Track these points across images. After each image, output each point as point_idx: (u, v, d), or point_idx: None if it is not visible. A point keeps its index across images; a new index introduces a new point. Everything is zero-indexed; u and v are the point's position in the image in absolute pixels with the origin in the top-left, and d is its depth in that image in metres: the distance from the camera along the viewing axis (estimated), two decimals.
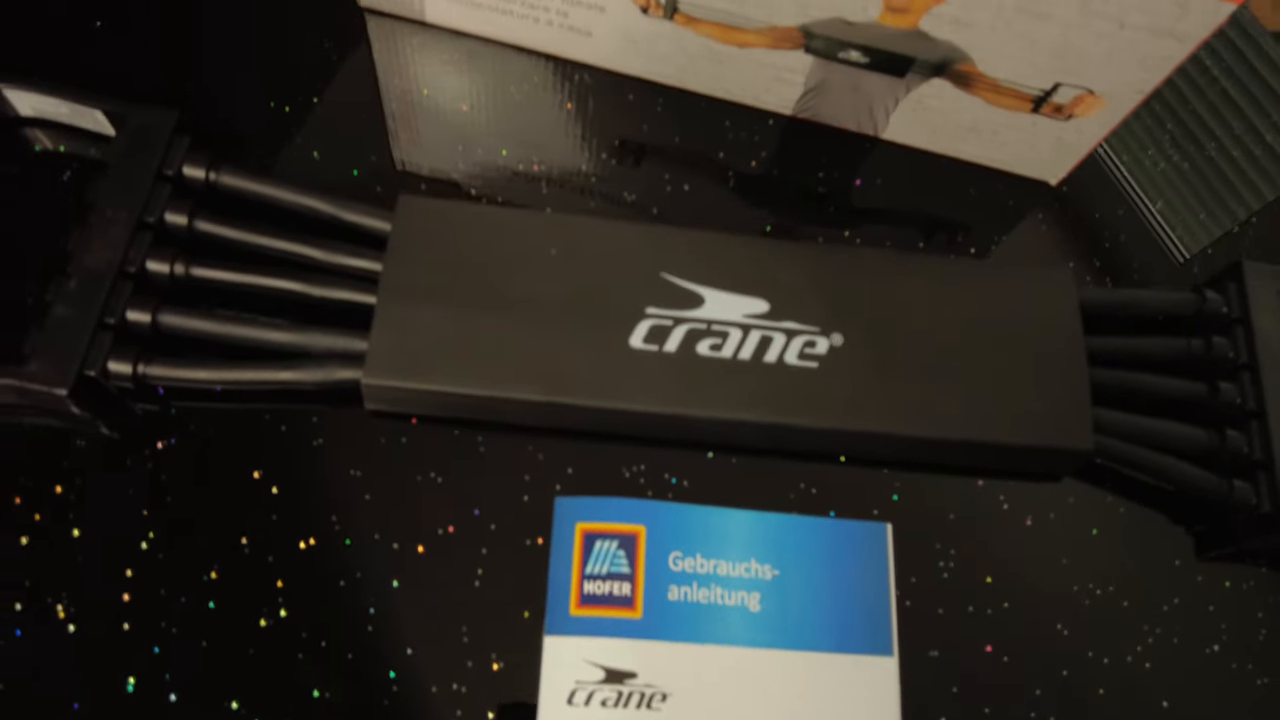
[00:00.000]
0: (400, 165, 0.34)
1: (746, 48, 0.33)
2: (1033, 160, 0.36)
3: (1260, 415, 0.32)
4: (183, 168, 0.31)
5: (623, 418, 0.30)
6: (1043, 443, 0.31)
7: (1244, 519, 0.32)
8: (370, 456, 0.30)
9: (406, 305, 0.29)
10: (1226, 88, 0.41)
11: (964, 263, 0.34)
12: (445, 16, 0.35)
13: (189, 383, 0.29)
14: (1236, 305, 0.34)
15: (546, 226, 0.31)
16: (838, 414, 0.30)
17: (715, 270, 0.31)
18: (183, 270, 0.30)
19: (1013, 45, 0.30)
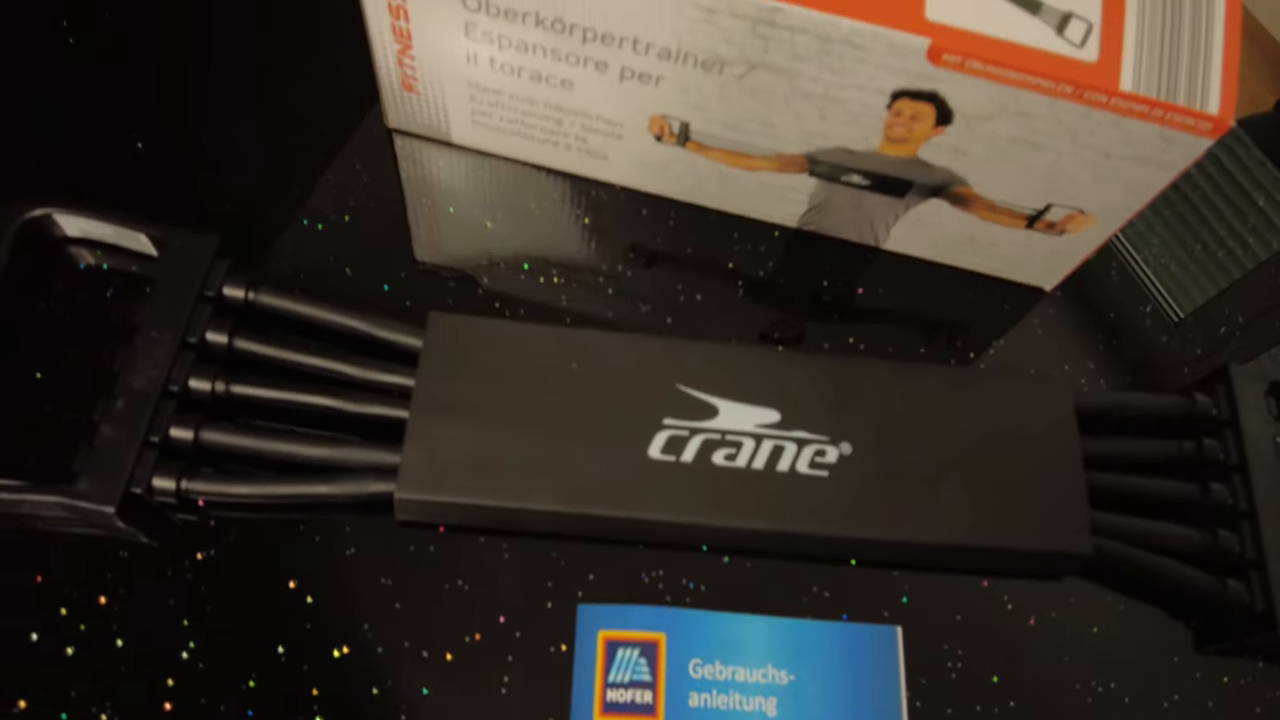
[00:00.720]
0: (428, 280, 0.36)
1: (754, 171, 0.35)
2: (1027, 269, 0.37)
3: (1251, 515, 0.34)
4: (223, 288, 0.33)
5: (643, 526, 0.31)
6: (1042, 547, 0.32)
7: (1239, 617, 0.33)
8: (400, 565, 0.31)
9: (437, 420, 0.31)
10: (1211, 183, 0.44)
11: (964, 371, 0.36)
12: (470, 139, 0.37)
13: (229, 497, 0.31)
14: (1225, 408, 0.35)
15: (568, 341, 0.33)
16: (847, 522, 0.32)
17: (728, 381, 0.33)
18: (223, 388, 0.31)
19: (1007, 171, 0.32)
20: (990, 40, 0.28)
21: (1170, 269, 0.41)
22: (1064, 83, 0.29)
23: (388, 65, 0.34)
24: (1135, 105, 0.29)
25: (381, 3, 0.32)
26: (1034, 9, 0.29)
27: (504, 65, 0.33)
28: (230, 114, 0.38)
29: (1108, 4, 0.29)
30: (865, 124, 0.31)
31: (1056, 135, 0.30)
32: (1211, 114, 0.29)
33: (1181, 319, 0.40)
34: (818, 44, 0.29)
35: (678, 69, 0.31)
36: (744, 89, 0.31)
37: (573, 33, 0.31)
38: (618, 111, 0.34)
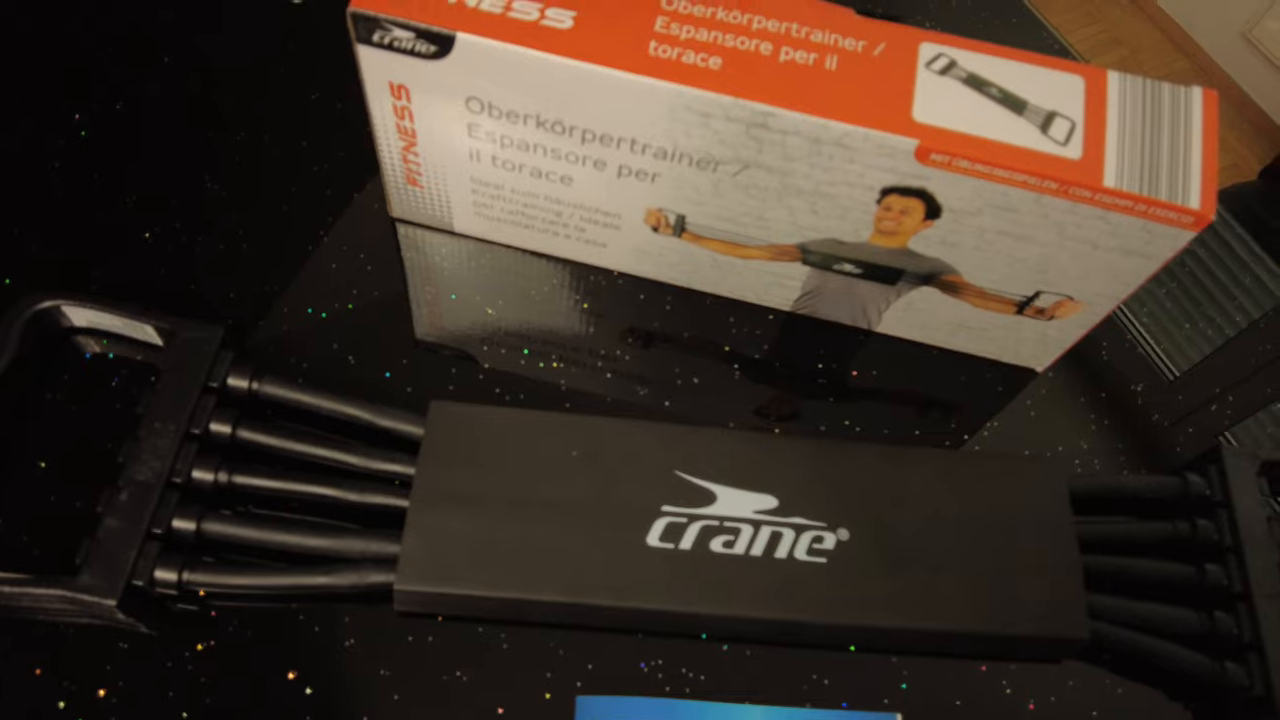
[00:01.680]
0: (430, 367, 0.36)
1: (749, 259, 0.36)
2: (1018, 352, 0.38)
3: (1246, 597, 0.34)
4: (227, 379, 0.33)
5: (642, 616, 0.32)
6: (1039, 632, 0.32)
7: (1239, 701, 0.33)
8: (398, 656, 0.31)
9: (436, 510, 0.31)
10: None
11: (958, 454, 0.37)
12: (471, 228, 0.38)
13: (230, 588, 0.31)
14: (1218, 488, 0.36)
15: (567, 427, 0.33)
16: (846, 609, 0.32)
17: (725, 467, 0.33)
18: (226, 478, 0.32)
19: (995, 261, 0.33)
20: (976, 140, 0.29)
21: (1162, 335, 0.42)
22: (1049, 179, 0.29)
23: (392, 161, 0.35)
24: (1119, 200, 0.30)
25: (387, 103, 0.33)
26: (1019, 108, 0.30)
27: (505, 162, 0.34)
28: (237, 206, 0.39)
29: (1090, 103, 0.31)
30: (856, 218, 0.32)
31: (1043, 228, 0.31)
32: (1193, 208, 0.30)
33: (1174, 379, 0.40)
34: (809, 145, 0.30)
35: (674, 167, 0.32)
36: (738, 185, 0.32)
37: (572, 133, 0.32)
38: (615, 205, 0.35)
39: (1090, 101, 0.31)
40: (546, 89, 0.30)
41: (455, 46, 0.30)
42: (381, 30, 0.30)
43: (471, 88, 0.31)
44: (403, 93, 0.32)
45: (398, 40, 0.30)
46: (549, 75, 0.30)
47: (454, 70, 0.30)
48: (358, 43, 0.31)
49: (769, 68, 0.30)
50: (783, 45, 0.30)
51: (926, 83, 0.30)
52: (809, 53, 0.30)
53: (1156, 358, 0.41)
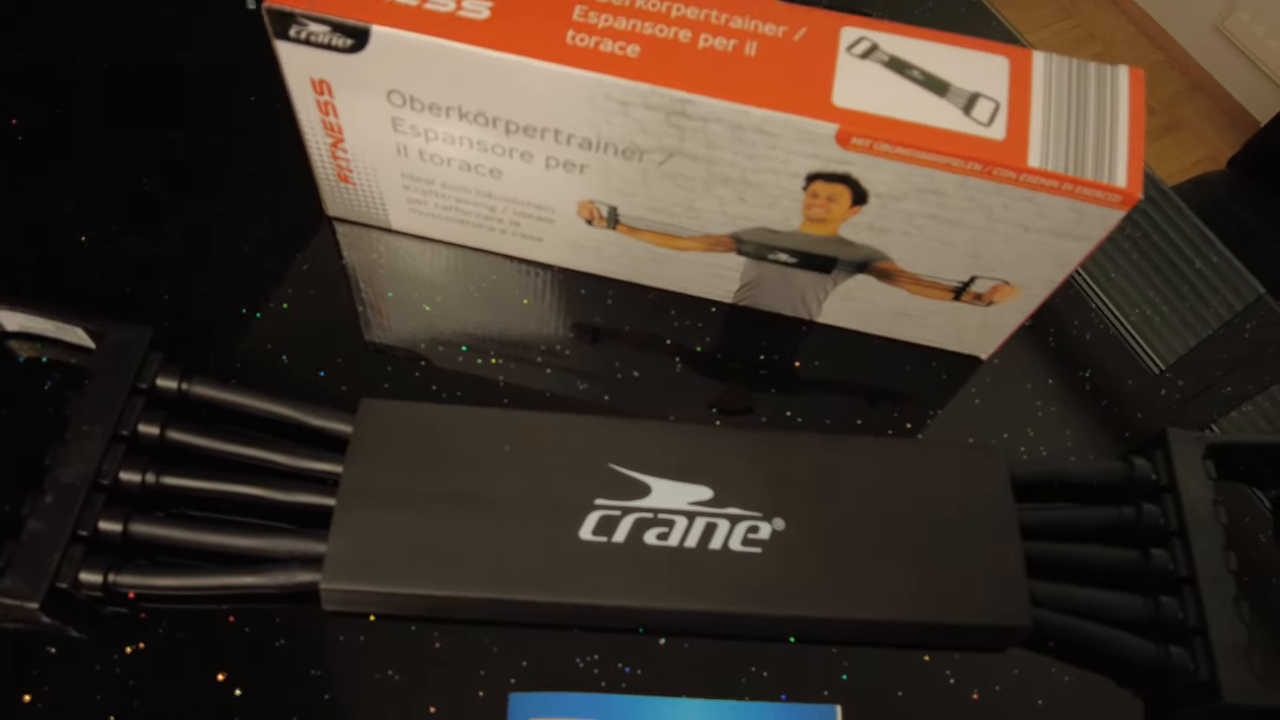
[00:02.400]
0: (366, 366, 0.36)
1: (684, 251, 0.35)
2: (961, 339, 0.38)
3: (1192, 581, 0.34)
4: (156, 380, 0.33)
5: (575, 610, 0.31)
6: (980, 621, 0.32)
7: (1184, 686, 0.33)
8: (329, 656, 0.31)
9: (364, 508, 0.31)
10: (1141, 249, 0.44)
11: (896, 442, 0.36)
12: (408, 225, 0.38)
13: (157, 590, 0.31)
14: (1164, 472, 0.35)
15: (499, 423, 0.33)
16: (782, 601, 0.31)
17: (660, 459, 0.33)
18: (154, 479, 0.31)
19: (927, 246, 0.33)
20: (898, 123, 0.29)
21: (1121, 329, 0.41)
22: (973, 161, 0.29)
23: (322, 159, 0.35)
24: (1044, 181, 0.29)
25: (310, 100, 0.32)
26: (941, 90, 0.30)
27: (433, 156, 0.33)
28: (175, 208, 0.39)
29: (1015, 84, 0.30)
30: (784, 205, 0.32)
31: (971, 211, 0.31)
32: (1120, 187, 0.29)
33: (1160, 372, 0.40)
34: (730, 132, 0.30)
35: (600, 158, 0.32)
36: (665, 175, 0.32)
37: (496, 125, 0.31)
38: (547, 198, 0.34)
39: (1015, 82, 0.30)
40: (466, 81, 0.30)
41: (371, 39, 0.29)
42: (298, 25, 0.30)
43: (392, 81, 0.31)
44: (325, 88, 0.32)
45: (314, 35, 0.30)
46: (467, 66, 0.29)
47: (373, 64, 0.30)
48: (275, 39, 0.30)
49: (688, 55, 0.29)
50: (702, 32, 0.30)
51: (847, 67, 0.30)
52: (728, 39, 0.30)
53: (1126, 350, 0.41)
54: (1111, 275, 0.43)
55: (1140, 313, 0.42)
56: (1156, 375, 0.41)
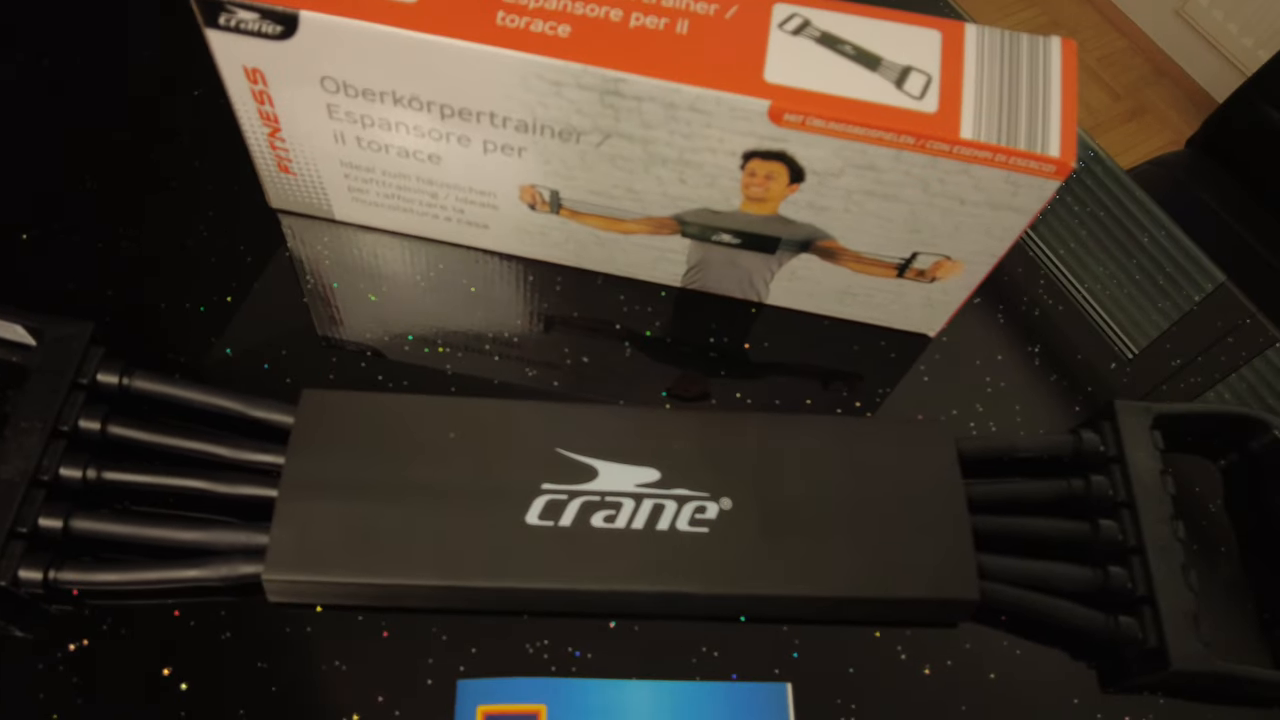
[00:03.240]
0: (311, 358, 0.36)
1: (629, 234, 0.35)
2: (908, 317, 0.38)
3: (1140, 551, 0.34)
4: (97, 375, 0.33)
5: (522, 595, 0.31)
6: (929, 594, 0.32)
7: (1134, 654, 0.33)
8: (275, 648, 0.31)
9: (306, 498, 0.31)
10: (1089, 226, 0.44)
11: (843, 420, 0.36)
12: (352, 215, 0.38)
13: (99, 585, 0.30)
14: (1112, 443, 0.36)
15: (444, 410, 0.33)
16: (730, 579, 0.31)
17: (607, 442, 0.33)
18: (95, 475, 0.31)
19: (867, 223, 0.33)
20: (830, 98, 0.29)
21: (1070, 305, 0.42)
22: (905, 134, 0.29)
23: (261, 149, 0.35)
24: (978, 152, 0.30)
25: (245, 89, 0.32)
26: (873, 65, 0.30)
27: (371, 143, 0.33)
28: (117, 203, 0.39)
29: (947, 57, 0.30)
30: (723, 185, 0.32)
31: (908, 186, 0.31)
32: (1053, 157, 0.29)
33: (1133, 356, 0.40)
34: (665, 111, 0.30)
35: (537, 140, 0.32)
36: (603, 157, 0.32)
37: (431, 109, 0.31)
38: (488, 183, 0.34)
39: (947, 55, 0.30)
40: (398, 65, 0.30)
41: (300, 25, 0.29)
42: (226, 13, 0.30)
43: (324, 67, 0.31)
44: (258, 77, 0.32)
45: (244, 22, 0.30)
46: (397, 50, 0.29)
47: (303, 50, 0.30)
48: (206, 27, 0.30)
49: (619, 34, 0.29)
50: (633, 11, 0.30)
51: (779, 43, 0.30)
52: (660, 18, 0.30)
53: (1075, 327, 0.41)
54: (1063, 253, 0.43)
55: (1090, 290, 0.42)
56: (1107, 351, 0.41)
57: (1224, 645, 0.33)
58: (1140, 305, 0.42)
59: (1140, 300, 0.42)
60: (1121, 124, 1.26)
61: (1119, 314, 0.42)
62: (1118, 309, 0.42)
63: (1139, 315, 0.42)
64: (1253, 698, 0.34)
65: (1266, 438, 0.37)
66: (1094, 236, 0.44)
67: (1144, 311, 0.42)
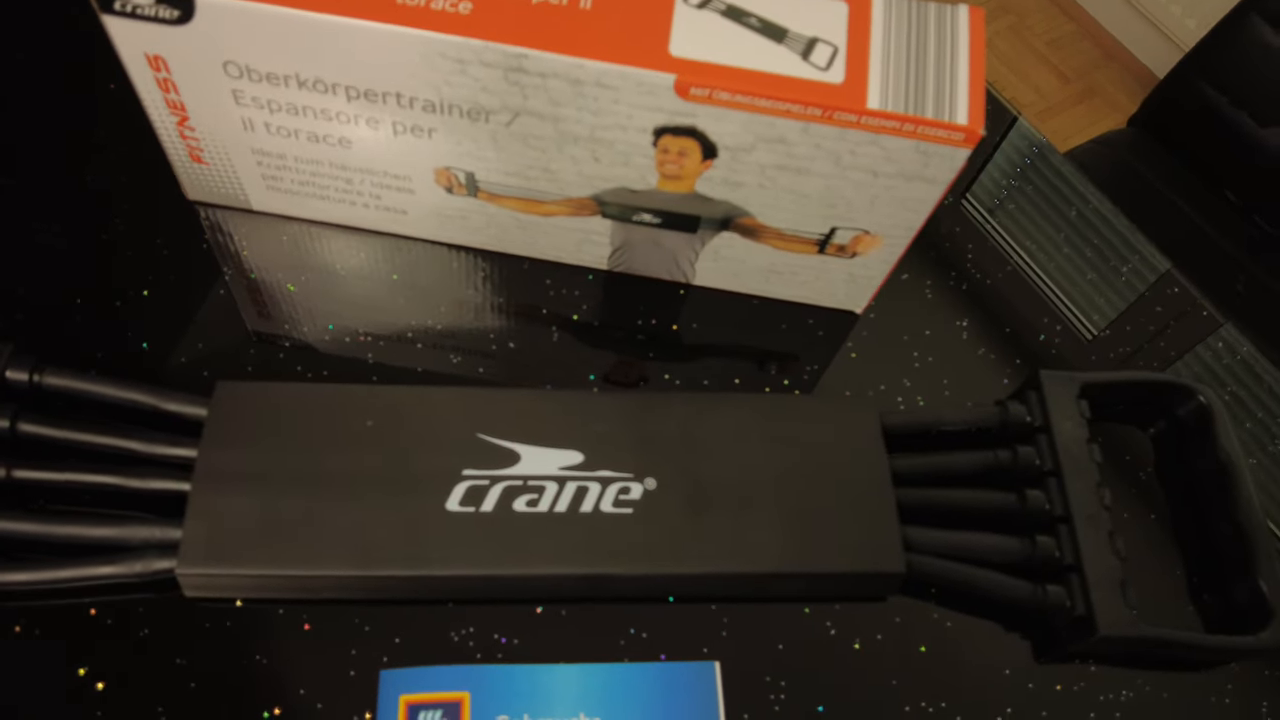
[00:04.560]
0: (228, 349, 0.35)
1: (550, 216, 0.35)
2: (833, 294, 0.38)
3: (1067, 519, 0.34)
4: (6, 372, 0.32)
5: (445, 583, 0.31)
6: (856, 568, 0.32)
7: (1062, 622, 0.33)
8: (194, 643, 0.30)
9: (220, 491, 0.30)
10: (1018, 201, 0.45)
11: (767, 398, 0.36)
12: (269, 204, 0.37)
13: (10, 585, 0.30)
14: (1038, 414, 0.36)
15: (362, 399, 0.33)
16: (654, 559, 0.31)
17: (529, 427, 0.33)
18: (4, 473, 0.30)
19: (783, 199, 0.33)
20: (736, 71, 0.29)
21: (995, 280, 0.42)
22: (812, 106, 0.29)
23: (171, 138, 0.34)
24: (886, 122, 0.29)
25: (148, 77, 0.32)
26: (779, 36, 0.30)
27: (280, 129, 0.33)
28: (30, 199, 0.38)
29: (853, 28, 0.30)
30: (638, 163, 0.32)
31: (819, 159, 0.31)
32: (961, 124, 0.29)
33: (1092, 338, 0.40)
34: (570, 87, 0.29)
35: (446, 120, 0.31)
36: (515, 136, 0.32)
37: (336, 91, 0.31)
38: (401, 167, 0.34)
39: (854, 26, 0.30)
40: (298, 46, 0.29)
41: (198, 8, 0.29)
42: None
43: (225, 51, 0.30)
44: (160, 63, 0.31)
45: (140, 7, 0.29)
46: (296, 31, 0.29)
47: (203, 34, 0.29)
48: (102, 13, 0.30)
49: (521, 9, 0.29)
50: None
51: (684, 17, 0.30)
52: None
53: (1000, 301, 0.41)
54: (987, 227, 0.43)
55: (1016, 265, 0.43)
56: (1040, 326, 0.41)
57: (1154, 610, 0.33)
58: (1082, 287, 0.43)
59: (1080, 282, 0.43)
60: (1071, 106, 1.27)
61: (1072, 293, 0.42)
62: (1069, 288, 0.42)
63: (1083, 297, 0.42)
64: (1182, 661, 0.34)
65: (1192, 404, 0.37)
66: (1038, 216, 0.44)
67: (1088, 295, 0.42)
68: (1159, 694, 0.34)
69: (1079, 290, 0.42)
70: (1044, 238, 0.44)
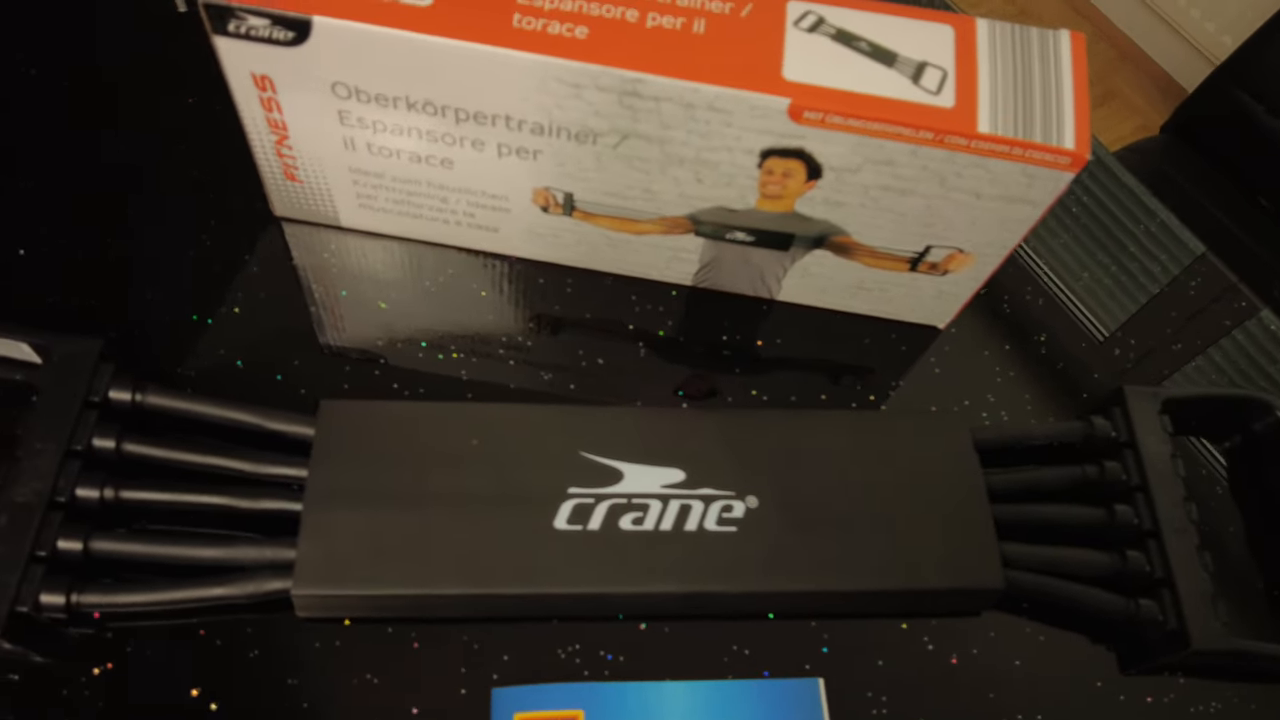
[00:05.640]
0: (323, 367, 0.35)
1: (642, 234, 0.35)
2: (919, 310, 0.38)
3: (1156, 534, 0.34)
4: (109, 393, 0.32)
5: (554, 601, 0.31)
6: (955, 584, 0.32)
7: (1154, 636, 0.34)
8: (305, 663, 0.30)
9: (332, 511, 0.30)
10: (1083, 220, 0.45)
11: (862, 415, 0.36)
12: (359, 221, 0.37)
13: (123, 607, 0.30)
14: (1123, 429, 0.36)
15: (464, 416, 0.33)
16: (759, 577, 0.31)
17: (631, 444, 0.33)
18: (112, 494, 0.31)
19: (882, 218, 0.33)
20: (848, 95, 0.29)
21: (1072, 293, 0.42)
22: (924, 130, 0.29)
23: (267, 156, 0.34)
24: (995, 146, 0.30)
25: (253, 96, 0.32)
26: (889, 61, 0.30)
27: (382, 149, 0.33)
28: (117, 215, 0.38)
29: (960, 52, 0.31)
30: (740, 184, 0.32)
31: (925, 180, 0.31)
32: (1069, 149, 0.30)
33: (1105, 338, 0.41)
34: (683, 111, 0.30)
35: (553, 143, 0.32)
36: (619, 158, 0.32)
37: (445, 114, 0.31)
38: (501, 186, 0.34)
39: (960, 50, 0.31)
40: (412, 69, 0.30)
41: (313, 31, 0.29)
42: (236, 19, 0.29)
43: (336, 73, 0.30)
44: (267, 84, 0.31)
45: (254, 29, 0.29)
46: (413, 54, 0.29)
47: (315, 56, 0.30)
48: (214, 34, 0.30)
49: (636, 34, 0.29)
50: (649, 11, 0.30)
51: (796, 41, 0.30)
52: (676, 17, 0.30)
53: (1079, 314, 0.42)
54: (1057, 242, 0.44)
55: (1090, 276, 0.43)
56: (1106, 338, 0.41)
57: (1237, 623, 0.34)
58: (1136, 292, 0.43)
59: (1137, 287, 0.43)
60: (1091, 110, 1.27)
61: (1117, 299, 0.42)
62: (1117, 293, 0.42)
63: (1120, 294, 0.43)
64: (1269, 673, 0.35)
65: (1269, 419, 0.38)
66: (1086, 224, 0.45)
67: (1127, 291, 0.43)
68: (1247, 705, 0.34)
69: (1148, 300, 0.43)
70: (1108, 252, 0.44)
